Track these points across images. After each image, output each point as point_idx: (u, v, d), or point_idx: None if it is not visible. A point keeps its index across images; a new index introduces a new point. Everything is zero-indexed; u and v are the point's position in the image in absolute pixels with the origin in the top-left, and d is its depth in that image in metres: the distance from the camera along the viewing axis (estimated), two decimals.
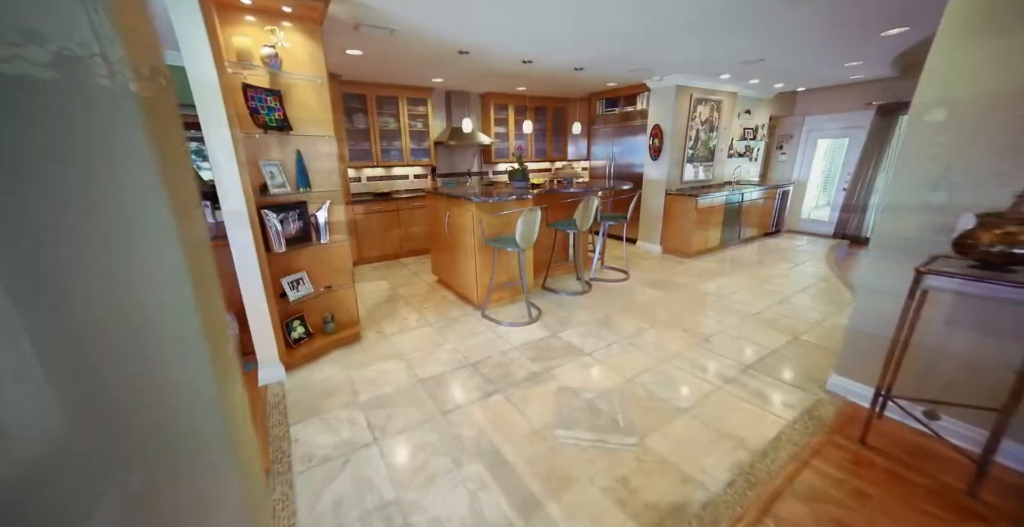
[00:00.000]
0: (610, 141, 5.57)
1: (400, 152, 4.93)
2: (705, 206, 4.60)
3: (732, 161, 5.55)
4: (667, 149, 4.69)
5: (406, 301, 3.55)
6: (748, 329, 2.80)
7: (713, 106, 4.79)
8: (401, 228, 4.81)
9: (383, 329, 2.97)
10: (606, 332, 2.81)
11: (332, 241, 2.53)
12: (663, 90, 4.55)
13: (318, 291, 2.52)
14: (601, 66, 3.89)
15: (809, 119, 5.72)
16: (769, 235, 5.84)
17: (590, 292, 3.66)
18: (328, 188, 2.46)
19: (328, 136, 2.39)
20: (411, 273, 4.38)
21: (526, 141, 6.01)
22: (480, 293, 3.20)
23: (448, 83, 4.66)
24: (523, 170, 3.62)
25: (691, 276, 4.07)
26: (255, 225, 2.00)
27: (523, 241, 2.81)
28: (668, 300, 3.41)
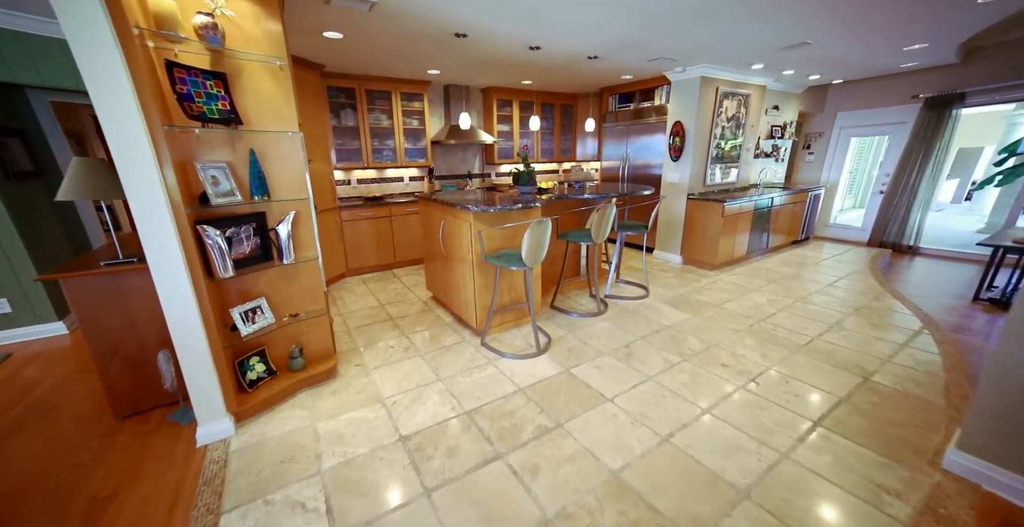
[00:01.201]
0: (623, 140, 5.10)
1: (393, 152, 4.49)
2: (733, 212, 4.12)
3: (757, 162, 5.06)
4: (689, 149, 4.21)
5: (395, 323, 3.11)
6: (801, 366, 2.32)
7: (740, 101, 4.31)
8: (394, 236, 4.37)
9: (364, 361, 2.52)
10: (629, 368, 2.35)
11: (299, 260, 2.09)
12: (685, 83, 4.07)
13: (281, 321, 2.07)
14: (618, 54, 3.43)
15: (841, 115, 5.22)
16: (797, 243, 5.34)
17: (605, 312, 3.20)
18: (293, 196, 2.01)
19: (292, 133, 1.95)
20: (404, 287, 3.94)
21: (532, 140, 5.55)
22: (479, 317, 2.75)
23: (446, 75, 4.21)
24: (529, 172, 3.16)
25: (719, 292, 3.59)
26: (188, 244, 1.56)
27: (530, 259, 2.35)
28: (697, 324, 2.94)
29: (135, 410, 1.91)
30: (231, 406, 1.80)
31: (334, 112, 4.06)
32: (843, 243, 5.37)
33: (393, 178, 4.82)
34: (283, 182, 1.99)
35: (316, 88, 3.60)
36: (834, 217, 5.67)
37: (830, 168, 5.53)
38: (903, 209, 4.63)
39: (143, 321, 1.83)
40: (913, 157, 4.46)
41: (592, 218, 2.94)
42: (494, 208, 2.44)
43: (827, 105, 5.36)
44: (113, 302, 1.75)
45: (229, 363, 1.88)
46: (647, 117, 4.72)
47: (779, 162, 5.43)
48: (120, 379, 1.83)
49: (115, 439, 1.77)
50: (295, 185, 2.02)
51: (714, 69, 3.88)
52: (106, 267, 1.72)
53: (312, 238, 2.14)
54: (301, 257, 2.11)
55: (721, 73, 3.98)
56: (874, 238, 5.01)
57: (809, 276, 3.99)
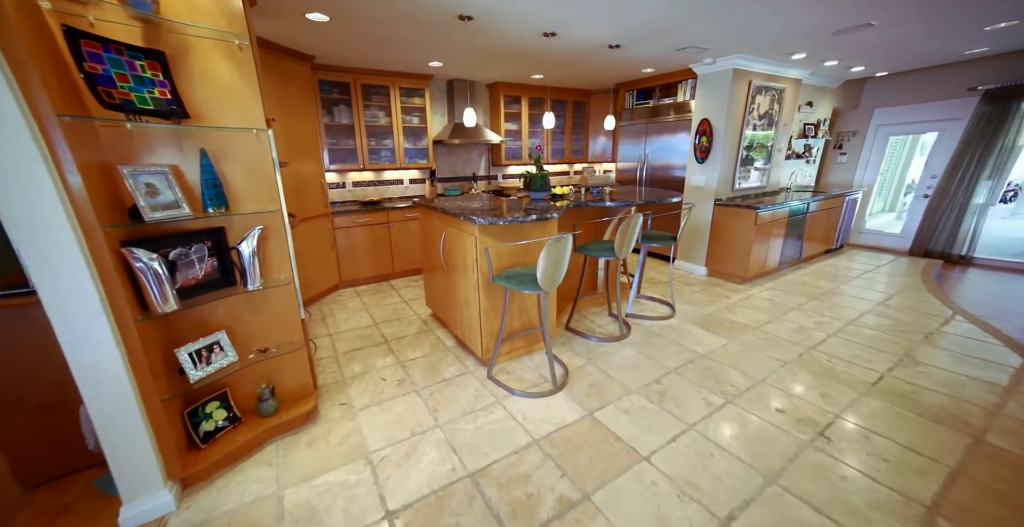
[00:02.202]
0: (641, 140, 4.70)
1: (392, 152, 4.13)
2: (766, 220, 3.71)
3: (788, 164, 4.64)
4: (718, 149, 3.81)
5: (390, 347, 2.74)
6: (879, 414, 1.91)
7: (774, 96, 3.90)
8: (393, 244, 4.01)
9: (351, 397, 2.16)
10: (664, 412, 1.96)
11: (269, 284, 1.72)
12: (715, 76, 3.67)
13: (246, 359, 1.71)
14: (642, 43, 3.03)
15: (880, 112, 4.78)
16: (831, 252, 4.91)
17: (628, 336, 2.81)
18: (260, 207, 1.65)
19: (258, 130, 1.58)
20: (401, 301, 3.57)
21: (543, 140, 5.17)
22: (485, 344, 2.37)
23: (449, 68, 3.84)
24: (542, 176, 2.78)
25: (754, 311, 3.19)
26: (105, 271, 1.20)
27: (547, 282, 1.97)
28: (735, 352, 2.54)
29: (49, 476, 1.54)
30: (174, 472, 1.44)
31: (327, 108, 3.70)
32: (880, 251, 4.92)
33: (392, 180, 4.46)
34: (247, 190, 1.62)
35: (305, 81, 3.25)
36: (866, 223, 5.23)
37: (864, 170, 5.09)
38: (953, 214, 4.18)
39: (64, 362, 1.48)
40: (968, 157, 4.01)
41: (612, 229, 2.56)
42: (504, 220, 2.06)
43: (863, 101, 4.92)
44: (19, 338, 1.39)
45: (175, 415, 1.52)
46: (668, 115, 4.32)
47: (810, 163, 5.00)
48: (28, 436, 1.46)
49: (11, 521, 1.41)
50: (262, 194, 1.66)
51: (748, 60, 3.47)
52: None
53: (286, 257, 1.78)
54: (271, 280, 1.75)
55: (756, 65, 3.57)
56: (917, 246, 4.57)
57: (854, 291, 3.57)
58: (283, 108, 3.00)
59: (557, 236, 1.88)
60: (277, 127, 2.95)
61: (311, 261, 3.41)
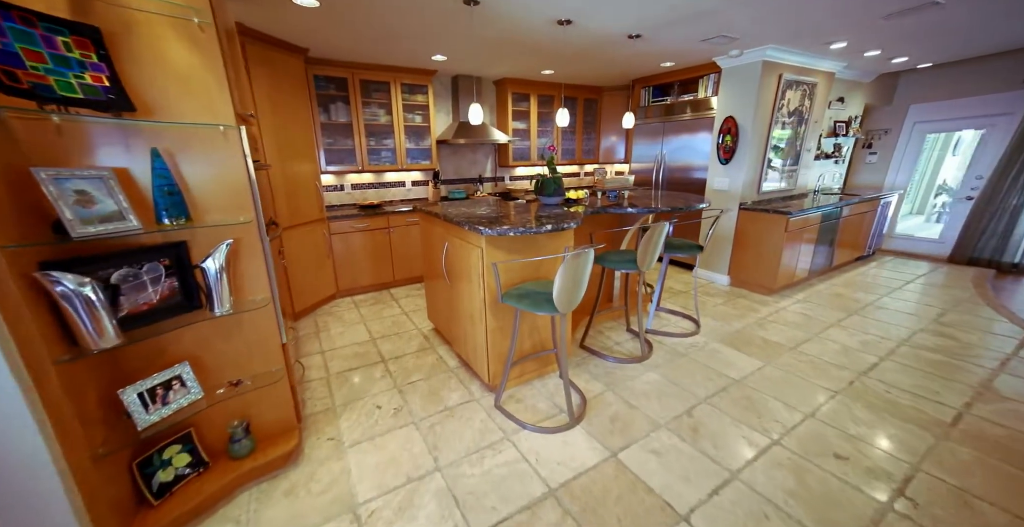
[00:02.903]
0: (658, 139, 4.41)
1: (393, 153, 3.89)
2: (797, 226, 3.40)
3: (817, 164, 4.32)
4: (743, 149, 3.51)
5: (387, 367, 2.49)
6: (975, 468, 1.58)
7: (805, 91, 3.60)
8: (393, 250, 3.77)
9: (340, 430, 1.90)
10: (700, 455, 1.68)
11: (242, 308, 1.47)
12: (742, 70, 3.37)
13: (214, 395, 1.46)
14: (666, 32, 2.75)
15: (916, 108, 4.44)
16: (862, 259, 4.58)
17: (650, 356, 2.53)
18: (230, 218, 1.40)
19: (225, 127, 1.34)
20: (402, 313, 3.32)
21: (557, 139, 4.90)
22: (492, 369, 2.11)
23: (454, 63, 3.59)
24: (556, 179, 2.51)
25: (787, 327, 2.89)
26: (9, 300, 0.95)
27: (564, 303, 1.70)
28: (774, 377, 2.25)
29: None
30: None
31: (323, 106, 3.47)
32: (914, 258, 4.58)
33: (393, 183, 4.22)
34: (215, 198, 1.38)
35: (298, 76, 3.01)
36: (897, 228, 4.88)
37: (897, 170, 4.75)
38: (1004, 219, 3.84)
39: None
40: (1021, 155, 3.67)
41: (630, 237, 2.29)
42: (514, 230, 1.79)
43: (897, 97, 4.59)
44: None
45: (118, 469, 1.27)
46: (688, 112, 4.03)
47: (839, 164, 4.68)
48: None
49: None
50: (233, 202, 1.41)
51: (780, 51, 3.18)
52: None
53: (263, 274, 1.53)
54: (245, 302, 1.50)
55: (788, 57, 3.27)
56: (959, 253, 4.23)
57: (898, 305, 3.25)
58: (274, 104, 2.77)
59: (577, 251, 1.61)
60: (267, 125, 2.72)
61: (305, 269, 3.18)
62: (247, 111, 1.68)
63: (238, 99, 1.44)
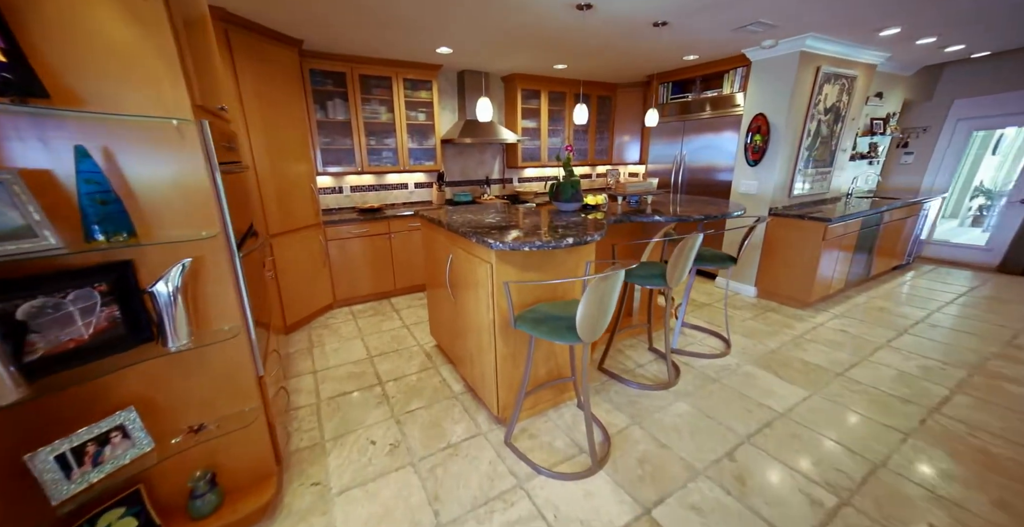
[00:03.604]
0: (677, 139, 4.12)
1: (395, 153, 3.65)
2: (836, 233, 3.10)
3: (851, 165, 4.00)
4: (774, 149, 3.22)
5: (385, 391, 2.24)
6: None
7: (843, 85, 3.29)
8: (394, 256, 3.53)
9: (327, 473, 1.65)
10: (753, 515, 1.40)
11: (209, 337, 1.23)
12: (775, 62, 3.08)
13: (168, 445, 1.21)
14: (696, 19, 2.48)
15: (961, 103, 4.10)
16: (900, 268, 4.24)
17: (677, 381, 2.25)
18: (190, 232, 1.16)
19: (180, 121, 1.09)
20: (402, 326, 3.08)
21: (574, 139, 4.63)
22: (502, 399, 1.85)
23: (460, 56, 3.34)
24: (573, 183, 2.25)
25: (829, 347, 2.59)
26: None
27: (588, 331, 1.44)
28: (825, 411, 1.96)
29: None
30: None
31: (319, 102, 3.23)
32: (957, 267, 4.24)
33: (395, 184, 3.98)
34: (169, 208, 1.13)
35: (292, 70, 2.78)
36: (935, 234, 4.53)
37: (936, 171, 4.41)
38: None
39: None
40: None
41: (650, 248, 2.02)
42: (530, 245, 1.53)
43: (938, 91, 4.25)
44: None
45: None
46: (711, 110, 3.74)
47: (874, 165, 4.35)
48: None
49: None
50: (194, 212, 1.17)
51: (821, 41, 2.87)
52: None
53: (232, 298, 1.29)
54: (210, 332, 1.25)
55: (828, 47, 2.97)
56: (1012, 262, 3.88)
57: (956, 323, 2.92)
58: (263, 100, 2.54)
59: (605, 273, 1.35)
60: (255, 122, 2.49)
61: (299, 279, 2.94)
62: (217, 104, 1.44)
63: (199, 89, 1.19)
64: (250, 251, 1.49)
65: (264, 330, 1.73)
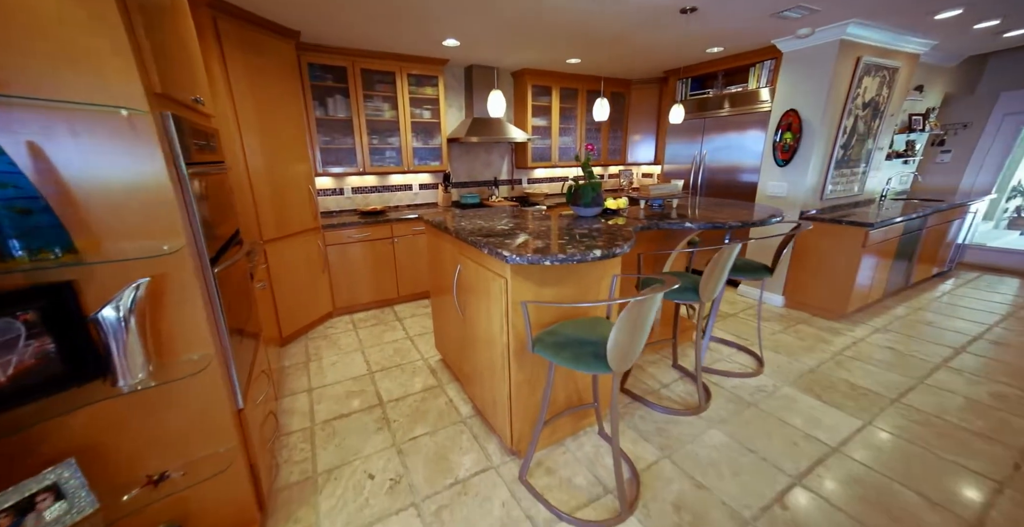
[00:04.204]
0: (697, 138, 3.88)
1: (398, 152, 3.45)
2: (878, 239, 2.85)
3: (887, 165, 3.73)
4: (807, 148, 2.97)
5: (385, 413, 2.04)
6: None
7: (884, 78, 3.02)
8: (397, 261, 3.33)
9: (317, 515, 1.45)
10: None
11: (174, 370, 1.03)
12: (810, 53, 2.83)
13: (118, 501, 1.01)
14: (728, 3, 2.24)
15: (1008, 96, 3.80)
16: (941, 275, 3.96)
17: (708, 406, 2.02)
18: (148, 247, 0.96)
19: (132, 111, 0.89)
20: (405, 337, 2.88)
21: (576, 137, 4.41)
22: (516, 430, 1.64)
23: (468, 50, 3.13)
24: (594, 186, 2.03)
25: (875, 367, 2.34)
26: None
27: (620, 360, 1.22)
28: (885, 445, 1.72)
29: None
30: None
31: (319, 99, 3.05)
32: (1003, 274, 3.94)
33: (398, 186, 3.78)
34: (119, 217, 0.94)
35: (288, 63, 2.59)
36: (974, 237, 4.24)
37: (977, 171, 4.12)
38: None
39: None
40: None
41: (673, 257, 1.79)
42: (552, 258, 1.31)
43: (981, 84, 3.96)
44: None
45: None
46: (734, 106, 3.49)
47: (909, 164, 4.07)
48: None
49: None
50: (153, 222, 0.97)
51: (864, 28, 2.62)
52: None
53: (203, 322, 1.09)
54: (176, 363, 1.06)
55: (871, 34, 2.71)
56: None
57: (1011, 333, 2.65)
58: (257, 95, 2.35)
59: (643, 296, 1.12)
60: (248, 119, 2.30)
61: (296, 287, 2.76)
62: (192, 95, 1.24)
63: (162, 76, 0.99)
64: (232, 262, 1.30)
65: (252, 347, 1.54)
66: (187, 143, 1.10)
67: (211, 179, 1.34)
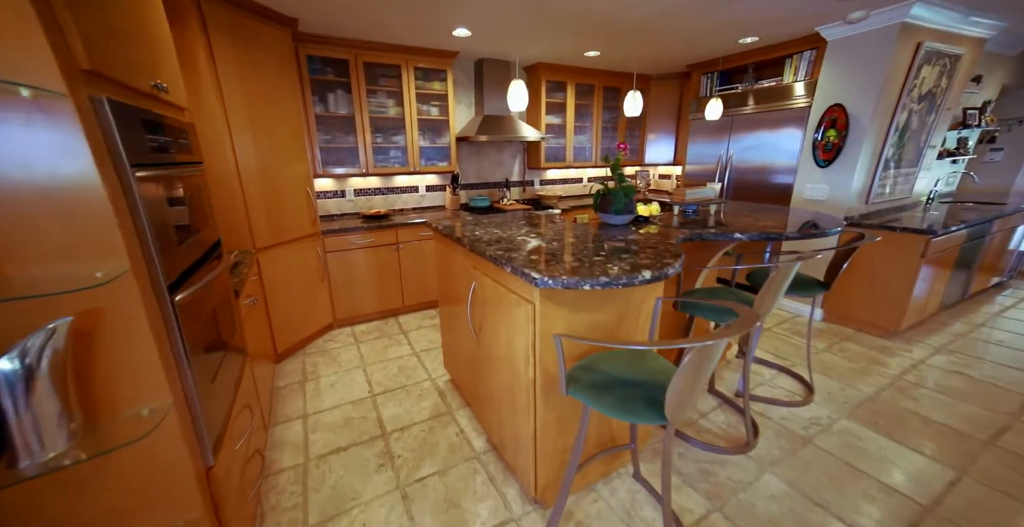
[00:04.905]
0: (723, 137, 3.60)
1: (404, 152, 3.22)
2: (939, 248, 2.55)
3: (937, 165, 3.41)
4: (853, 147, 2.68)
5: (388, 446, 1.79)
6: None
7: (944, 66, 2.72)
8: (402, 268, 3.10)
9: None
10: None
11: (123, 433, 0.80)
12: (861, 40, 2.54)
13: None
14: None
15: None
16: (1000, 286, 3.62)
17: (757, 442, 1.75)
18: (70, 277, 0.73)
19: (36, 90, 0.66)
20: (411, 353, 2.64)
21: (592, 135, 4.14)
22: (542, 472, 1.38)
23: (480, 40, 2.89)
24: (627, 191, 1.76)
25: (951, 397, 2.05)
26: None
27: (679, 409, 0.96)
28: (994, 504, 1.43)
29: None
30: None
31: (318, 94, 2.82)
32: None
33: (404, 187, 3.55)
34: (32, 235, 0.70)
35: (283, 54, 2.36)
36: None
37: None
38: None
39: None
40: None
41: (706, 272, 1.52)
42: (591, 283, 1.06)
43: None
44: None
45: None
46: (766, 102, 3.21)
47: (957, 163, 3.74)
48: None
49: None
50: (84, 240, 0.74)
51: (929, 8, 2.32)
52: None
53: (154, 364, 0.85)
54: (116, 426, 0.82)
55: (936, 16, 2.41)
56: None
57: None
58: (248, 88, 2.13)
59: (711, 338, 0.86)
60: (237, 114, 2.08)
61: (292, 298, 2.53)
62: (151, 80, 1.01)
63: (90, 49, 0.76)
64: (204, 283, 1.07)
65: (233, 379, 1.30)
66: (138, 138, 0.87)
67: (182, 183, 1.11)
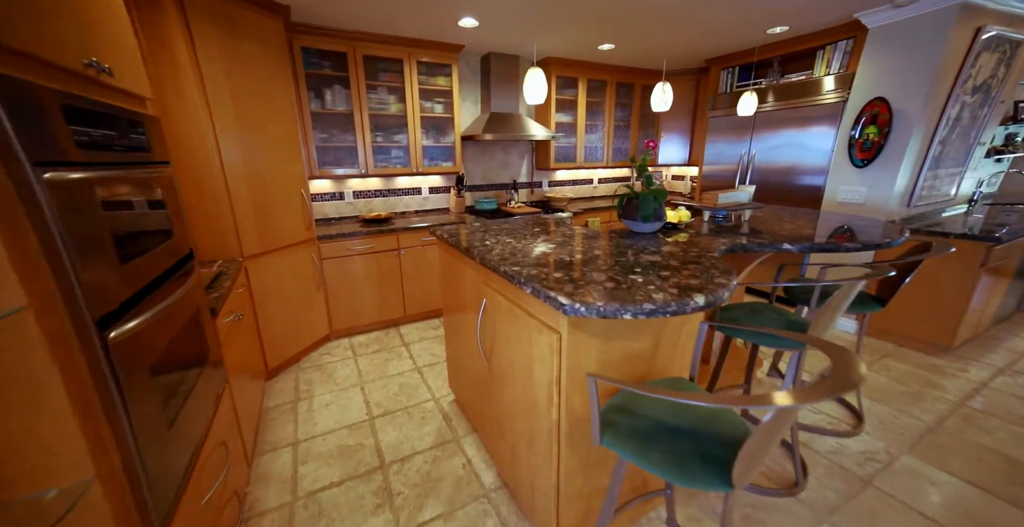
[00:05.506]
0: (744, 135, 3.37)
1: (406, 152, 3.03)
2: (1000, 257, 2.29)
3: (984, 164, 3.15)
4: (897, 145, 2.44)
5: (386, 481, 1.59)
6: None
7: (1004, 53, 2.46)
8: (404, 275, 2.90)
9: None
10: None
11: None
12: (910, 25, 2.30)
13: None
14: None
15: None
16: None
17: (807, 482, 1.52)
18: None
19: None
20: (413, 369, 2.43)
21: (604, 133, 3.92)
22: (567, 520, 1.17)
23: (487, 32, 2.69)
24: (656, 195, 1.55)
25: (1018, 424, 1.80)
26: None
27: (747, 473, 0.76)
28: None
29: None
30: None
31: (314, 89, 2.64)
32: None
33: (406, 189, 3.36)
34: None
35: (274, 45, 2.16)
36: None
37: None
38: None
39: None
40: None
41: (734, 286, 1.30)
42: (634, 311, 0.84)
43: None
44: None
45: None
46: (794, 98, 2.97)
47: (1001, 162, 3.47)
48: None
49: None
50: None
51: None
52: None
53: (69, 431, 0.65)
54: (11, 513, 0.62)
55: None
56: None
57: None
58: (235, 82, 1.94)
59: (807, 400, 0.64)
60: (225, 110, 1.89)
61: (285, 310, 2.34)
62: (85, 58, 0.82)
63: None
64: (166, 305, 0.87)
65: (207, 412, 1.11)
66: (50, 128, 0.67)
67: (136, 185, 0.91)
